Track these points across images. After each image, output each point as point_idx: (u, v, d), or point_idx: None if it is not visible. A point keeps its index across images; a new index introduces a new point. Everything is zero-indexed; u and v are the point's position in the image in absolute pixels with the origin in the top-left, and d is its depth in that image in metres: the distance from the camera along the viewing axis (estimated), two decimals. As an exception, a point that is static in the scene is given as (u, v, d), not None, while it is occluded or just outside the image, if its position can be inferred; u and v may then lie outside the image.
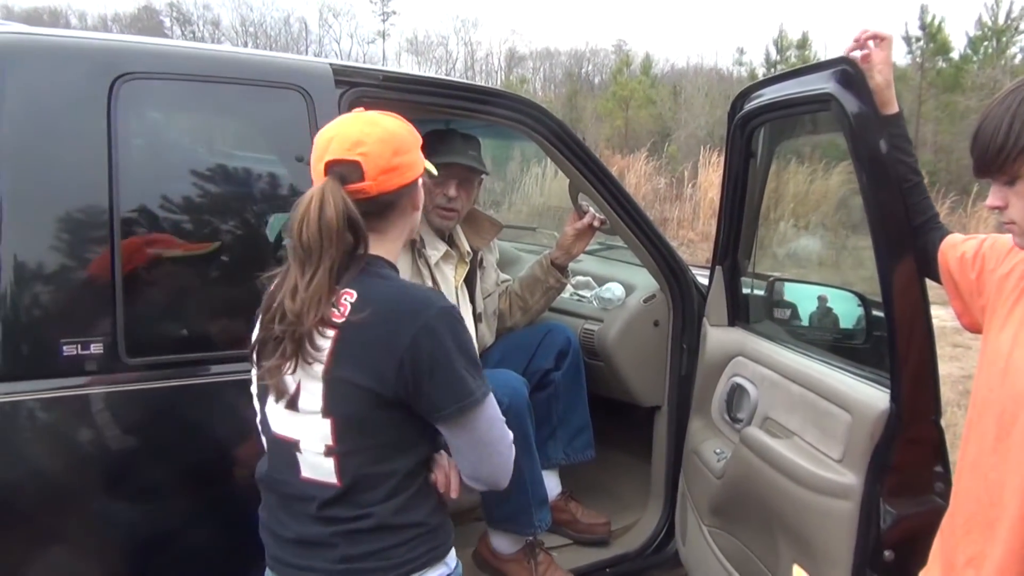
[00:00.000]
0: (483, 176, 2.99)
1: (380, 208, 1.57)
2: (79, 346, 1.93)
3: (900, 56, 21.94)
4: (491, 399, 1.58)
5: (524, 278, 3.19)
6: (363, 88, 2.40)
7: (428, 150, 2.83)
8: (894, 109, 1.96)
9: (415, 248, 2.86)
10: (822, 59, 2.06)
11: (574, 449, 3.08)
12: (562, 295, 3.30)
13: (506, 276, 3.30)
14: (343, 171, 1.52)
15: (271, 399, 1.58)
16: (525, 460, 2.71)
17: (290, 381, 1.53)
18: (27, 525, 1.92)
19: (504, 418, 1.62)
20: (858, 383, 2.11)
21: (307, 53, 31.05)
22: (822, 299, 2.81)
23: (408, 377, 1.47)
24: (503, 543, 2.90)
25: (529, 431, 2.74)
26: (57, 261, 1.95)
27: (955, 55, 20.96)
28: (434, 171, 1.75)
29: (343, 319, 1.49)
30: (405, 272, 2.82)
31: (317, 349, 1.49)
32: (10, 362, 1.89)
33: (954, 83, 20.07)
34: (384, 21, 36.92)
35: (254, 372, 1.64)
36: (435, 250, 2.90)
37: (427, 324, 1.48)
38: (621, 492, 3.42)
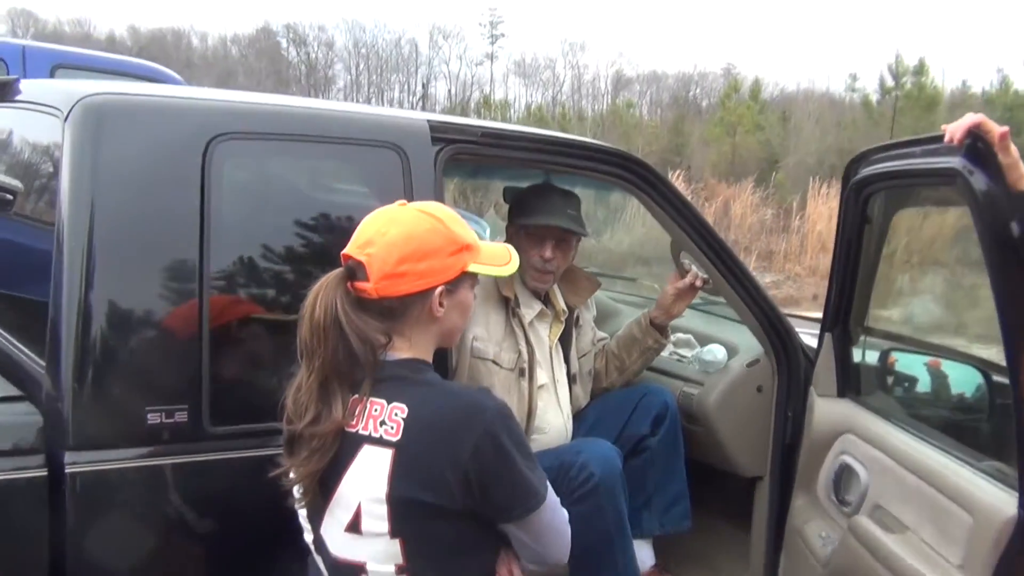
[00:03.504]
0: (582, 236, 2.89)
1: (387, 312, 1.52)
2: (163, 415, 1.91)
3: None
4: (550, 488, 1.54)
5: (621, 337, 3.07)
6: (460, 144, 2.35)
7: (525, 208, 2.81)
8: None
9: (509, 307, 2.78)
10: (942, 129, 1.91)
11: (670, 519, 2.94)
12: (661, 354, 3.17)
13: (603, 334, 3.19)
14: (353, 267, 1.50)
15: (328, 522, 1.54)
16: (617, 537, 2.59)
17: (350, 503, 1.49)
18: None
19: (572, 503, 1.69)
20: (981, 480, 1.95)
21: (417, 74, 31.63)
22: (941, 373, 2.63)
23: (475, 487, 1.43)
24: (593, 620, 2.76)
25: (622, 507, 2.61)
26: (146, 327, 1.94)
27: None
28: (494, 273, 1.67)
29: (397, 436, 1.44)
30: (498, 331, 2.75)
31: (369, 467, 1.46)
32: (96, 430, 1.87)
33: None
34: (492, 44, 37.26)
35: (296, 490, 1.60)
36: (529, 309, 2.82)
37: (486, 430, 1.44)
38: (718, 564, 3.25)
